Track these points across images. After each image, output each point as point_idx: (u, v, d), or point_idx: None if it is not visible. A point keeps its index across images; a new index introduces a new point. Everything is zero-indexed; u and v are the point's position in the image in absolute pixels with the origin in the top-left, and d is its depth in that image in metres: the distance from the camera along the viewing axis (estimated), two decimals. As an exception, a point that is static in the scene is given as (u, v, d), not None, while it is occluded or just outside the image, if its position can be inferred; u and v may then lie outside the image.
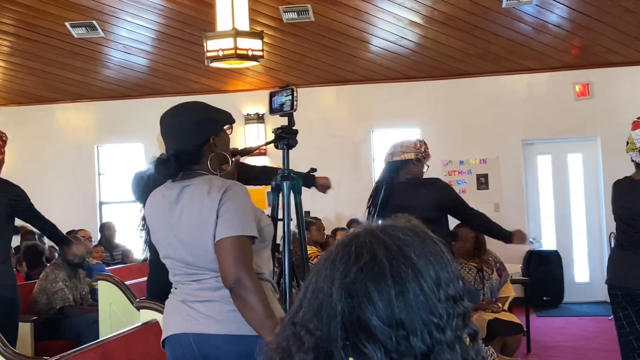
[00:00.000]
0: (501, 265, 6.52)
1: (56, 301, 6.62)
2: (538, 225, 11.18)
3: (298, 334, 1.26)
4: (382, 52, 10.52)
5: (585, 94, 10.80)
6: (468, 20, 9.68)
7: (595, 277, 10.85)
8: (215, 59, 7.06)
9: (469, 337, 1.26)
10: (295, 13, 9.53)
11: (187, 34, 9.92)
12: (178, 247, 2.77)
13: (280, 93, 3.29)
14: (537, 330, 8.48)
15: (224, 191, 2.69)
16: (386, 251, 1.23)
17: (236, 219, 2.66)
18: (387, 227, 1.29)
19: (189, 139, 2.80)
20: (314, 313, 1.25)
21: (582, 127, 10.77)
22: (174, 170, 2.77)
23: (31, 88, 11.61)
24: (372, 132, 11.32)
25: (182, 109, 2.89)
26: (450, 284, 1.25)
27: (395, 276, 1.21)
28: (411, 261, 1.23)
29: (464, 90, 11.01)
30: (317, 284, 1.26)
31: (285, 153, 3.28)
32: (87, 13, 9.68)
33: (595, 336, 8.48)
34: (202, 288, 2.76)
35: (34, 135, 11.72)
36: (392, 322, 1.20)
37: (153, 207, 2.90)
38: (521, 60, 10.65)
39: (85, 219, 11.25)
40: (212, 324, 2.69)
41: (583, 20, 9.70)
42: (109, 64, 11.01)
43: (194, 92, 11.28)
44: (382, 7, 9.43)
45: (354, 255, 1.24)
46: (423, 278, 1.22)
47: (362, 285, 1.21)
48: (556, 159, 11.16)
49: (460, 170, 11.03)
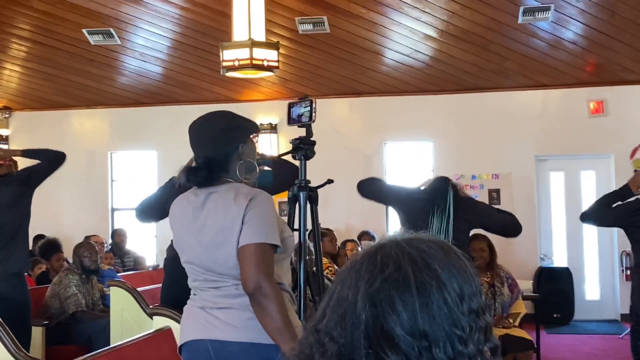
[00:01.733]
0: (513, 281, 6.49)
1: (69, 306, 6.63)
2: (549, 242, 11.15)
3: (321, 341, 1.27)
4: (396, 65, 10.54)
5: (600, 111, 10.78)
6: (483, 35, 9.70)
7: (605, 295, 10.82)
8: (231, 69, 7.09)
9: (490, 352, 1.27)
10: (311, 25, 9.56)
11: (203, 43, 9.97)
12: (200, 253, 2.78)
13: (299, 104, 3.31)
14: (547, 347, 8.44)
15: (251, 198, 2.72)
16: (411, 262, 1.24)
17: (261, 227, 2.67)
18: (412, 239, 1.30)
19: (219, 146, 2.82)
20: (338, 321, 1.26)
21: (596, 144, 10.76)
22: (205, 177, 2.80)
23: (47, 93, 11.67)
24: (385, 145, 11.34)
25: (212, 118, 2.92)
26: (474, 298, 1.26)
27: (419, 287, 1.22)
28: (435, 273, 1.24)
29: (478, 105, 11.01)
30: (342, 292, 1.27)
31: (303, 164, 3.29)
32: (105, 20, 9.74)
33: (605, 355, 8.45)
34: (221, 295, 2.77)
35: (48, 140, 11.73)
36: (416, 332, 1.21)
37: (177, 212, 2.92)
38: (535, 76, 10.66)
39: (97, 224, 11.30)
40: (231, 331, 2.70)
41: (598, 38, 9.70)
42: (124, 71, 11.06)
43: (208, 101, 11.30)
44: (398, 21, 9.46)
45: (380, 265, 1.25)
46: (447, 290, 1.23)
47: (386, 295, 1.22)
48: (569, 175, 11.14)
49: (472, 184, 11.01)
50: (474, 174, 11.00)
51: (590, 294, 11.00)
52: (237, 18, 7.14)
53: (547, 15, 9.18)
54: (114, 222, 11.88)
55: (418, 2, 9.04)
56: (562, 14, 9.23)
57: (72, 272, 6.89)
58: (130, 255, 10.66)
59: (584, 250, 11.08)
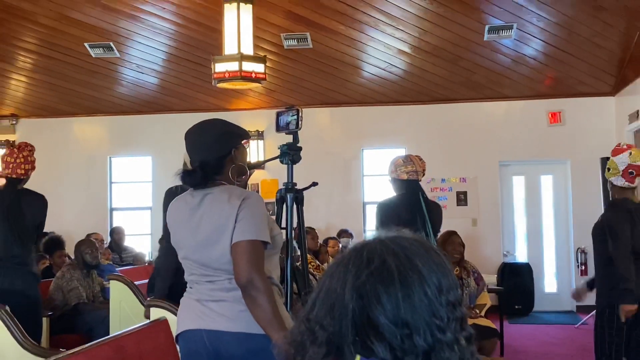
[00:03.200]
0: (478, 275, 6.52)
1: (71, 298, 6.60)
2: (512, 240, 11.22)
3: (312, 329, 1.27)
4: (373, 78, 10.57)
5: (557, 121, 10.87)
6: (452, 51, 9.74)
7: (562, 288, 10.89)
8: (222, 80, 7.08)
9: (465, 340, 1.28)
10: (295, 40, 9.57)
11: (196, 56, 9.94)
12: (196, 249, 2.77)
13: (286, 113, 3.30)
14: (510, 335, 8.49)
15: (243, 199, 2.71)
16: (395, 258, 1.25)
17: (252, 225, 2.67)
18: (395, 237, 1.30)
19: (213, 151, 2.82)
20: (327, 311, 1.26)
21: (554, 151, 10.84)
22: (200, 180, 2.79)
23: (51, 102, 11.60)
24: (363, 151, 11.36)
25: (206, 125, 2.91)
26: (451, 291, 1.26)
27: (402, 281, 1.23)
28: (417, 268, 1.24)
29: (447, 115, 11.06)
30: (331, 285, 1.28)
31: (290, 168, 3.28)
32: (105, 35, 9.70)
33: (562, 342, 8.50)
34: (215, 288, 2.76)
35: (52, 145, 11.70)
36: (398, 321, 1.21)
37: (175, 212, 2.91)
38: (500, 89, 10.72)
39: (97, 223, 11.24)
40: (224, 322, 2.70)
41: (556, 54, 9.77)
42: (122, 82, 11.01)
43: (200, 110, 11.27)
44: (374, 37, 9.48)
45: (366, 261, 1.26)
46: (427, 284, 1.24)
47: (372, 288, 1.23)
48: (529, 179, 11.21)
49: (441, 187, 11.06)
50: (443, 177, 11.05)
51: (549, 287, 11.07)
52: (227, 33, 7.15)
53: (511, 33, 9.25)
54: (113, 221, 11.81)
55: (393, 20, 9.06)
56: (524, 32, 9.29)
57: (74, 267, 6.85)
58: (127, 252, 10.61)
59: (543, 248, 11.15)
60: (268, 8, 8.71)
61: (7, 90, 11.41)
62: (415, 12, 8.91)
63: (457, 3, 8.70)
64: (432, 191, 10.95)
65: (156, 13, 9.13)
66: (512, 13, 8.87)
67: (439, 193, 11.03)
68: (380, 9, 8.84)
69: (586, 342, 7.79)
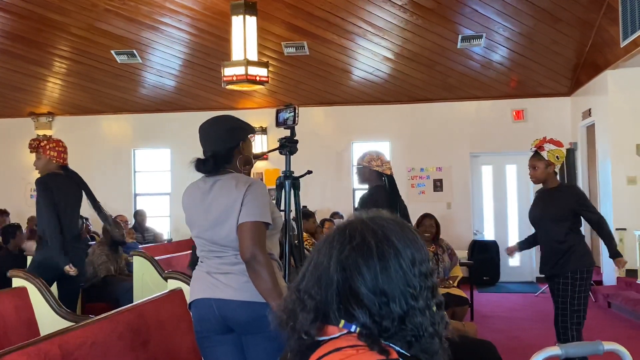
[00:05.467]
0: (452, 251, 6.52)
1: (100, 271, 6.59)
2: (481, 220, 11.22)
3: (302, 298, 1.26)
4: (361, 81, 10.54)
5: (521, 118, 10.85)
6: (430, 57, 9.71)
7: (524, 262, 10.90)
8: (230, 83, 7.04)
9: (436, 306, 1.27)
10: (294, 48, 9.52)
11: (207, 61, 9.90)
12: (207, 228, 2.76)
13: (285, 110, 3.28)
14: (479, 303, 8.51)
15: (249, 185, 2.70)
16: (373, 235, 1.24)
17: (256, 208, 2.66)
18: (374, 217, 1.29)
19: (223, 143, 2.80)
20: (315, 282, 1.25)
21: (518, 144, 10.79)
22: (211, 167, 2.78)
23: (82, 102, 11.55)
24: (352, 144, 11.33)
25: (218, 120, 2.88)
26: (423, 264, 1.25)
27: (380, 255, 1.22)
28: (393, 244, 1.23)
29: (425, 113, 11.03)
30: (318, 259, 1.27)
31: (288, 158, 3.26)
32: (129, 43, 9.64)
33: (523, 309, 8.52)
34: (223, 262, 2.75)
35: (83, 139, 11.65)
36: (377, 290, 1.20)
37: (189, 196, 2.89)
38: (471, 90, 10.69)
39: (123, 206, 11.20)
40: (231, 291, 2.68)
41: (520, 60, 9.75)
42: (144, 84, 10.96)
43: (212, 109, 11.23)
44: (362, 45, 9.45)
45: (348, 238, 1.25)
46: (402, 257, 1.23)
47: (353, 261, 1.22)
48: (496, 168, 11.20)
49: (420, 175, 11.05)
50: (422, 167, 11.03)
51: (512, 262, 11.01)
52: (235, 42, 7.10)
53: (480, 42, 9.22)
54: (136, 204, 11.79)
55: (378, 30, 9.02)
56: (492, 41, 9.26)
57: (103, 244, 6.84)
58: (149, 232, 10.59)
59: (507, 227, 11.15)
60: (270, 20, 8.67)
61: (44, 92, 11.35)
62: (398, 24, 8.87)
63: (434, 16, 8.66)
64: (412, 179, 10.96)
65: (174, 24, 9.08)
66: (481, 24, 8.83)
67: (418, 180, 11.02)
68: (368, 20, 8.80)
69: (544, 308, 7.81)
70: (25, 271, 4.32)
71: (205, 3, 8.48)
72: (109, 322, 3.00)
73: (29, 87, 11.12)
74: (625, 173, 8.78)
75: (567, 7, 8.39)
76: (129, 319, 3.15)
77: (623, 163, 8.76)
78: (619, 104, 8.83)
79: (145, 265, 5.90)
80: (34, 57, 10.10)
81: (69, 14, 8.88)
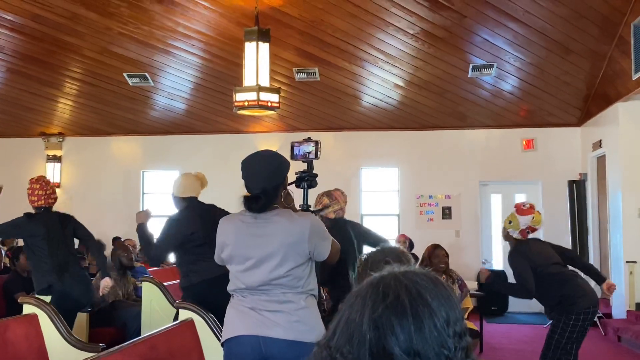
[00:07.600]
0: (462, 282, 6.48)
1: (108, 296, 6.55)
2: (490, 249, 11.15)
3: (333, 356, 1.24)
4: (371, 107, 10.56)
5: (531, 147, 10.84)
6: (440, 85, 9.73)
7: (533, 292, 10.79)
8: (242, 108, 7.03)
9: None
10: (305, 74, 9.56)
11: (219, 86, 9.94)
12: (255, 264, 2.75)
13: (305, 144, 3.27)
14: (488, 334, 8.42)
15: (309, 221, 2.80)
16: (407, 293, 1.22)
17: (326, 239, 2.86)
18: (407, 272, 1.27)
19: (273, 180, 2.81)
20: (347, 339, 1.23)
21: (527, 173, 10.81)
22: (264, 205, 2.78)
23: (93, 123, 11.60)
24: (361, 170, 11.32)
25: (264, 157, 2.89)
26: (457, 323, 1.23)
27: (414, 314, 1.19)
28: (427, 302, 1.21)
29: (435, 140, 11.03)
30: (350, 315, 1.24)
31: (306, 192, 3.25)
32: (141, 67, 9.70)
33: (532, 340, 8.41)
34: (270, 300, 2.73)
35: (93, 160, 11.70)
36: (411, 351, 1.18)
37: (231, 230, 2.85)
38: (481, 119, 10.70)
39: (131, 229, 11.13)
40: (280, 330, 2.67)
41: (531, 90, 9.76)
42: (155, 107, 11.01)
43: (221, 132, 11.29)
44: (373, 72, 9.48)
45: (382, 295, 1.22)
46: (436, 317, 1.20)
47: (387, 320, 1.20)
48: (505, 197, 11.16)
49: (429, 202, 11.02)
50: (430, 194, 11.00)
51: (521, 291, 10.96)
52: (247, 67, 7.12)
53: (491, 71, 9.24)
54: (144, 226, 11.75)
55: (389, 58, 9.06)
56: (503, 71, 9.28)
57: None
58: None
59: (516, 256, 11.04)
60: (282, 46, 8.71)
61: (55, 112, 11.41)
62: (409, 52, 8.90)
63: (445, 45, 8.70)
64: (420, 206, 10.93)
65: (186, 49, 9.13)
66: (492, 54, 8.86)
67: (426, 207, 10.99)
68: (379, 48, 8.84)
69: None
70: (36, 297, 4.30)
71: (218, 29, 8.54)
72: (121, 355, 2.98)
73: (40, 107, 11.18)
74: (636, 205, 8.74)
75: (578, 39, 8.41)
76: (142, 352, 3.12)
77: (634, 195, 8.72)
78: (630, 136, 8.82)
79: (155, 291, 5.86)
80: (46, 78, 10.17)
81: (82, 37, 8.95)
